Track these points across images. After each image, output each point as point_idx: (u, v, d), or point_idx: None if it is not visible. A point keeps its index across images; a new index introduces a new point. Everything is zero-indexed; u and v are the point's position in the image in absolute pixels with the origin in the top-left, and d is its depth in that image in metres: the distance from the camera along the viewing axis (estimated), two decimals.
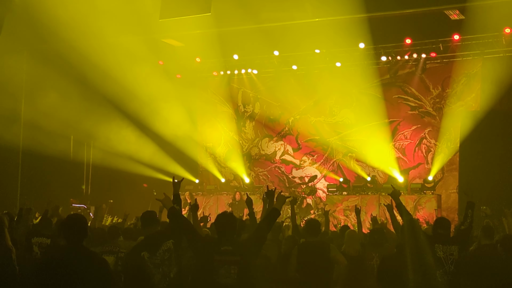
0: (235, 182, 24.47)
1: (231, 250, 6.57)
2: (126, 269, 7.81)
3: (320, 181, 23.12)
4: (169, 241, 7.33)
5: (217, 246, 6.64)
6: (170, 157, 23.02)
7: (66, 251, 5.79)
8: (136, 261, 7.23)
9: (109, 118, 21.54)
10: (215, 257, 6.53)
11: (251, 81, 24.41)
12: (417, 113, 21.86)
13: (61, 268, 5.58)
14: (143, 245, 7.39)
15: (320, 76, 22.55)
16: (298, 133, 23.86)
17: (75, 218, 5.93)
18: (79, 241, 5.76)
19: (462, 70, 20.90)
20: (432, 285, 6.91)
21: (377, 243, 9.32)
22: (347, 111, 22.81)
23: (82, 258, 5.69)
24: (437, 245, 7.48)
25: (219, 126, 24.90)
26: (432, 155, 21.48)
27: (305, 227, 8.91)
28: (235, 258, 6.53)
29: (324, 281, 8.29)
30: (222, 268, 6.48)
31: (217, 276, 6.47)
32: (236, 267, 6.49)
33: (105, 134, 21.59)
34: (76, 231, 5.76)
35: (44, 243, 9.47)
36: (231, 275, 6.46)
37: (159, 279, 7.15)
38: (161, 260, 7.20)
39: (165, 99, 22.29)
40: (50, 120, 19.84)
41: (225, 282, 6.45)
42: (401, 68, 22.07)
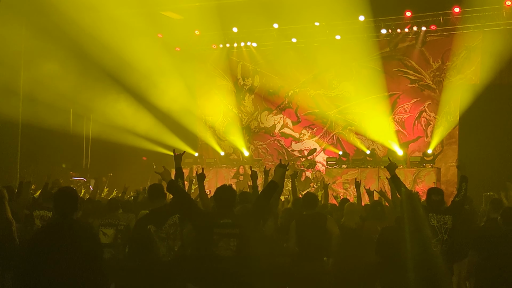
0: (234, 155, 24.50)
1: (231, 223, 6.58)
2: (131, 242, 7.84)
3: (320, 154, 23.15)
4: (175, 215, 7.36)
5: (216, 219, 6.65)
6: (169, 130, 23.01)
7: (55, 224, 5.80)
8: (142, 234, 7.28)
9: (108, 91, 21.49)
10: (214, 230, 6.54)
11: (250, 54, 24.32)
12: (417, 86, 21.83)
13: (49, 241, 5.58)
14: (150, 219, 7.42)
15: (320, 49, 22.44)
16: (297, 106, 23.83)
17: (65, 191, 5.93)
18: (69, 214, 5.75)
19: (462, 43, 20.83)
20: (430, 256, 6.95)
21: (380, 216, 9.35)
22: (347, 84, 22.77)
23: (71, 231, 5.69)
24: (431, 214, 7.53)
25: (218, 100, 24.83)
26: (431, 128, 21.49)
27: (303, 200, 8.96)
28: (234, 231, 6.54)
29: (322, 252, 8.34)
30: (221, 241, 6.50)
31: (217, 249, 6.48)
32: (235, 240, 6.51)
33: (105, 107, 21.54)
34: (65, 204, 5.76)
35: (46, 216, 9.50)
36: (230, 248, 6.48)
37: (164, 252, 7.21)
38: (167, 234, 7.25)
39: (164, 72, 22.22)
40: (49, 93, 19.77)
41: (225, 255, 6.47)
42: (401, 41, 21.99)
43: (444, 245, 7.45)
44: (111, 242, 8.82)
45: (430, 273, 6.94)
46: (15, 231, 8.73)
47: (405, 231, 6.92)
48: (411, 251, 6.87)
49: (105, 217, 9.06)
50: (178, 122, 23.23)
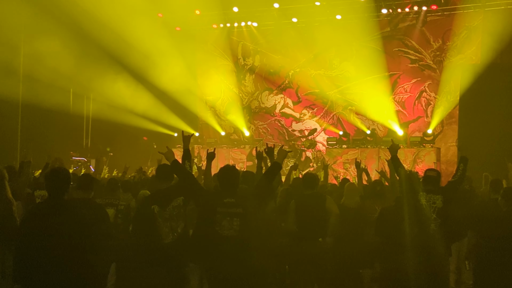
0: (235, 135, 24.52)
1: (234, 202, 6.62)
2: (135, 220, 7.89)
3: (320, 134, 23.18)
4: (179, 197, 7.39)
5: (220, 198, 6.69)
6: (169, 110, 23.03)
7: (46, 204, 5.84)
8: (146, 213, 7.33)
9: (108, 71, 21.44)
10: (217, 209, 6.58)
11: (251, 34, 24.26)
12: (417, 66, 21.81)
13: (42, 221, 5.61)
14: (155, 199, 7.46)
15: (320, 28, 22.37)
16: (298, 86, 23.82)
17: (56, 171, 5.95)
18: (61, 193, 5.78)
19: (463, 23, 20.77)
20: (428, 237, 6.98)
21: (379, 195, 9.37)
22: (347, 64, 22.74)
23: (61, 210, 5.71)
24: (421, 193, 7.51)
25: (219, 79, 24.81)
26: (431, 108, 21.50)
27: (302, 180, 8.97)
28: (238, 210, 6.58)
29: (321, 232, 8.37)
30: (225, 220, 6.54)
31: (220, 228, 6.53)
32: (238, 219, 6.55)
33: (105, 87, 21.50)
34: (56, 185, 5.79)
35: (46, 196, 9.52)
36: (233, 227, 6.52)
37: (167, 233, 7.26)
38: (170, 215, 7.30)
39: (164, 52, 22.17)
40: (49, 73, 19.72)
41: (228, 234, 6.51)
42: (401, 21, 21.94)
43: (433, 224, 7.45)
44: (112, 222, 8.83)
45: (428, 253, 6.97)
46: (16, 211, 8.76)
47: (404, 211, 6.94)
48: (410, 231, 6.90)
49: (105, 197, 9.07)
50: (178, 102, 23.22)
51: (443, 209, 7.44)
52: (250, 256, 6.60)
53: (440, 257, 7.10)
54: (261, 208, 7.09)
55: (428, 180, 7.68)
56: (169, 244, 7.29)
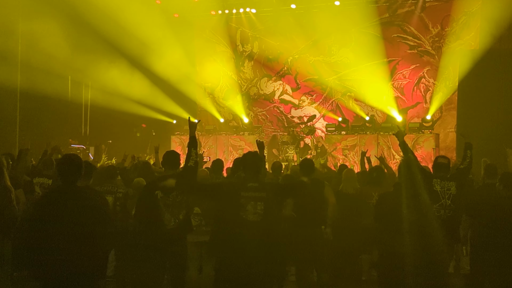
0: (234, 122, 24.52)
1: (257, 186, 6.69)
2: (138, 205, 7.92)
3: (319, 120, 23.18)
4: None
5: (243, 183, 6.76)
6: (168, 97, 23.00)
7: (61, 191, 5.84)
8: (149, 198, 7.40)
9: (107, 58, 21.36)
10: (241, 193, 6.64)
11: (249, 20, 24.21)
12: (416, 52, 21.78)
13: (56, 208, 5.64)
14: (159, 185, 7.51)
15: (319, 15, 22.34)
16: (297, 72, 23.80)
17: (70, 158, 5.97)
18: (74, 180, 5.82)
19: (461, 9, 20.73)
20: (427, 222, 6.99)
21: (376, 182, 9.39)
22: (346, 51, 22.71)
23: (77, 197, 5.74)
24: (435, 180, 7.59)
25: (217, 66, 24.79)
26: (430, 94, 21.50)
27: (300, 166, 8.98)
28: (261, 194, 6.65)
29: (320, 219, 8.38)
30: (249, 204, 6.60)
31: (244, 212, 6.58)
32: (262, 203, 6.61)
33: (103, 74, 21.43)
34: (71, 170, 5.82)
35: (46, 183, 9.53)
36: (257, 212, 6.58)
37: (169, 219, 7.34)
38: (173, 202, 7.37)
39: (163, 38, 22.10)
40: (47, 60, 19.67)
41: (252, 219, 6.57)
42: (400, 7, 21.90)
43: (447, 210, 7.52)
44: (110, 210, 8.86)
45: (427, 238, 7.00)
46: (14, 199, 8.75)
47: (402, 196, 6.96)
48: (408, 217, 6.92)
49: (104, 184, 9.08)
50: (177, 89, 23.20)
51: (457, 195, 7.57)
52: (273, 242, 6.66)
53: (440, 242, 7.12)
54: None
55: (440, 167, 7.78)
56: (171, 229, 7.36)
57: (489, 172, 8.62)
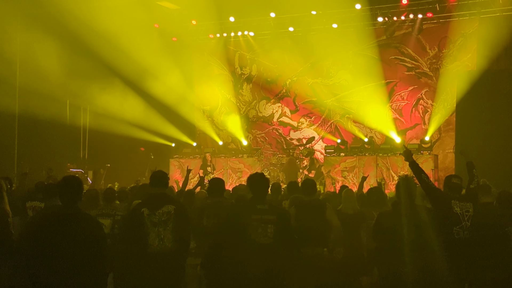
0: (233, 144, 24.52)
1: (267, 209, 6.64)
2: (123, 224, 7.83)
3: (318, 142, 23.18)
4: (171, 205, 7.29)
5: (252, 205, 6.71)
6: (167, 120, 23.03)
7: (61, 212, 5.82)
8: (136, 216, 7.19)
9: (105, 82, 21.45)
10: (252, 216, 6.58)
11: (247, 43, 24.29)
12: (414, 73, 21.84)
13: (56, 228, 5.63)
14: (145, 203, 7.32)
15: (317, 37, 22.45)
16: (295, 95, 23.85)
17: (70, 179, 5.96)
18: (74, 202, 5.81)
19: (458, 30, 20.82)
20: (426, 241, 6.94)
21: (376, 203, 9.36)
22: (344, 73, 22.78)
23: (77, 218, 5.73)
24: (454, 202, 7.49)
25: (216, 89, 24.85)
26: (429, 115, 21.53)
27: (302, 186, 8.90)
28: (272, 217, 6.59)
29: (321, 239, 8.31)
30: (260, 227, 6.54)
31: (255, 236, 6.52)
32: (272, 226, 6.55)
33: (102, 98, 21.48)
34: (71, 192, 5.81)
35: (38, 207, 9.47)
36: (267, 235, 6.52)
37: (153, 238, 7.09)
38: (159, 220, 7.13)
39: (161, 62, 22.18)
40: (45, 85, 19.73)
41: (263, 242, 6.51)
42: (397, 29, 21.98)
43: (467, 231, 7.42)
44: (108, 233, 8.76)
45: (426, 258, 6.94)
46: (11, 224, 8.70)
47: (401, 216, 6.92)
48: (407, 236, 6.87)
49: (102, 207, 9.04)
50: (176, 112, 23.25)
51: (475, 216, 7.46)
52: (281, 265, 6.60)
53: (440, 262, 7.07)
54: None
55: (456, 188, 7.63)
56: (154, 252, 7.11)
57: (484, 191, 8.59)
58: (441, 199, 7.50)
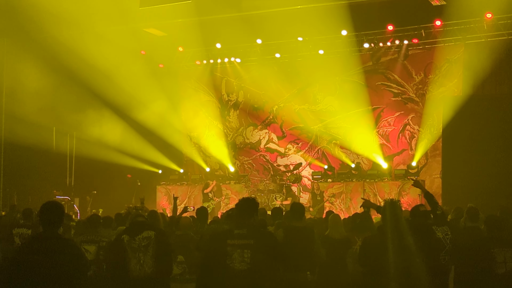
0: (220, 171, 24.46)
1: (245, 233, 6.51)
2: (106, 252, 7.81)
3: (305, 168, 23.17)
4: (151, 231, 7.26)
5: (231, 230, 6.63)
6: (154, 147, 22.97)
7: (41, 237, 5.77)
8: (117, 243, 7.22)
9: (92, 109, 21.41)
10: (228, 241, 6.48)
11: (234, 69, 24.37)
12: (400, 99, 21.94)
13: (35, 254, 5.56)
14: (126, 230, 7.39)
15: (303, 64, 22.60)
16: (282, 121, 23.88)
17: (51, 204, 5.90)
18: (55, 227, 5.75)
19: (444, 56, 20.99)
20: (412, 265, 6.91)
21: (359, 228, 9.35)
22: (331, 99, 22.86)
23: (57, 244, 5.66)
24: (434, 227, 7.56)
25: (203, 115, 24.87)
26: (415, 141, 21.59)
27: (290, 210, 8.78)
28: (249, 242, 6.45)
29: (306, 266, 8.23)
30: (235, 253, 6.43)
31: (231, 261, 6.41)
32: (249, 251, 6.41)
33: (88, 124, 21.44)
34: (51, 217, 5.75)
35: (25, 234, 9.43)
36: (244, 260, 6.39)
37: (134, 264, 7.07)
38: (139, 246, 7.12)
39: (148, 88, 22.19)
40: (32, 111, 19.65)
41: (240, 268, 6.39)
42: (383, 55, 22.12)
43: (448, 255, 7.51)
44: (93, 259, 8.71)
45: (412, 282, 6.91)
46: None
47: (387, 240, 6.88)
48: (394, 260, 6.83)
49: (87, 233, 8.96)
50: (162, 139, 23.21)
51: (453, 238, 7.59)
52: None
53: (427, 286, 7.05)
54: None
55: (427, 214, 7.74)
56: (137, 277, 7.07)
57: (471, 215, 8.61)
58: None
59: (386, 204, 7.34)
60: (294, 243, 8.13)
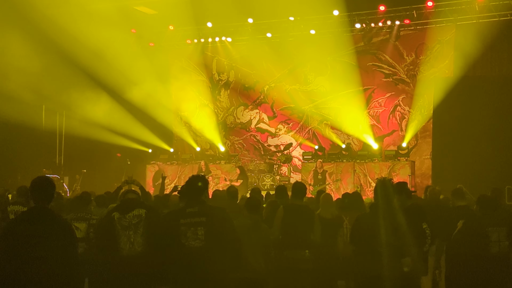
0: (210, 151, 24.43)
1: (197, 211, 6.58)
2: (97, 230, 7.80)
3: (296, 149, 23.20)
4: (142, 209, 7.26)
5: (183, 210, 6.67)
6: (144, 126, 22.90)
7: (31, 212, 5.74)
8: (107, 220, 7.21)
9: (82, 87, 21.30)
10: (181, 221, 6.55)
11: (225, 49, 24.27)
12: (391, 80, 21.93)
13: (25, 228, 5.54)
14: (117, 207, 7.36)
15: (295, 44, 22.54)
16: (273, 101, 23.83)
17: (42, 180, 5.87)
18: (45, 202, 5.72)
19: (435, 37, 20.98)
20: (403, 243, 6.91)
21: (348, 207, 9.40)
22: (322, 79, 22.83)
23: (47, 218, 5.64)
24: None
25: (193, 95, 24.78)
26: (406, 122, 21.61)
27: (292, 189, 8.78)
28: (201, 219, 6.54)
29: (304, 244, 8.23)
30: (189, 231, 6.50)
31: (186, 240, 6.49)
32: (202, 228, 6.51)
33: (78, 103, 21.34)
34: (42, 192, 5.72)
35: (20, 211, 9.37)
36: (198, 237, 6.48)
37: (125, 242, 7.08)
38: (129, 223, 7.11)
39: (138, 67, 22.06)
40: (21, 89, 19.52)
41: (195, 245, 6.47)
42: (375, 36, 22.09)
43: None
44: (83, 237, 8.71)
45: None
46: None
47: (379, 218, 6.87)
48: (385, 239, 6.83)
49: (78, 211, 8.95)
50: (153, 118, 23.16)
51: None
52: (218, 267, 6.52)
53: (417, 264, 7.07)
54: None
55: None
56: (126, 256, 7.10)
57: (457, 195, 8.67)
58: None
59: (378, 183, 7.33)
60: (293, 221, 8.16)
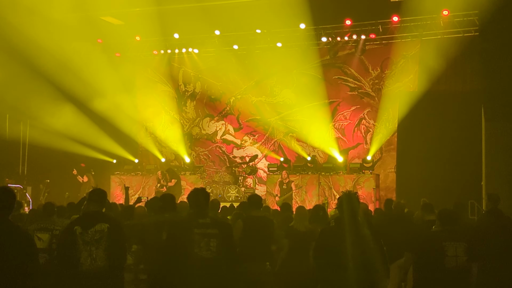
0: (175, 161, 24.34)
1: (209, 223, 6.67)
2: (58, 243, 7.68)
3: (261, 160, 23.22)
4: (105, 224, 7.09)
5: (194, 219, 6.72)
6: (109, 136, 22.72)
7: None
8: (68, 235, 7.04)
9: (46, 97, 21.04)
10: (195, 230, 6.62)
11: (192, 60, 24.25)
12: (357, 94, 22.12)
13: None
14: (79, 220, 7.18)
15: (261, 56, 22.62)
16: (239, 112, 23.87)
17: (2, 190, 5.81)
18: (5, 213, 5.66)
19: (400, 52, 21.22)
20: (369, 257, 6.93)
21: (322, 220, 9.39)
22: (288, 91, 22.94)
23: (6, 229, 5.57)
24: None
25: (159, 106, 24.70)
26: (371, 135, 21.80)
27: (248, 201, 8.87)
28: (214, 231, 6.64)
29: (265, 256, 8.25)
30: (202, 241, 6.59)
31: (199, 249, 6.56)
32: (215, 240, 6.61)
33: (42, 112, 21.09)
34: (2, 202, 5.65)
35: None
36: (210, 248, 6.58)
37: (85, 257, 6.91)
38: (91, 239, 6.94)
39: (104, 77, 21.91)
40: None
41: (206, 256, 6.56)
42: (341, 49, 22.26)
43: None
44: (46, 247, 8.59)
45: (370, 275, 6.94)
46: None
47: (344, 232, 6.89)
48: (351, 252, 6.85)
49: (40, 221, 8.83)
50: (118, 128, 22.98)
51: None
52: (225, 279, 6.61)
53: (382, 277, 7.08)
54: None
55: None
56: (86, 271, 6.93)
57: (426, 210, 8.74)
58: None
59: (343, 196, 7.35)
60: (252, 233, 8.20)
